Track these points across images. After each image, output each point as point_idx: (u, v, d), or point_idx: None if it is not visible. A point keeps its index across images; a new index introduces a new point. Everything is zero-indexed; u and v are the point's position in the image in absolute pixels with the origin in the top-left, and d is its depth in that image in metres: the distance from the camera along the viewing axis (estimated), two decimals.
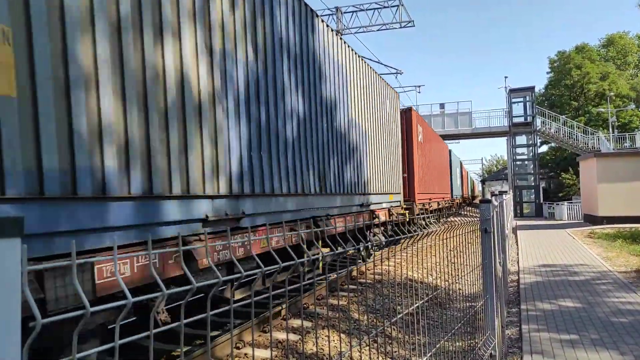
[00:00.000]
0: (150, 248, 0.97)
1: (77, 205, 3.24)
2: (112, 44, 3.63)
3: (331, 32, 8.21)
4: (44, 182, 3.02)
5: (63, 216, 3.14)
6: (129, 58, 3.77)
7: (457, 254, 3.52)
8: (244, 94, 5.47)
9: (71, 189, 3.24)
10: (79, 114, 3.30)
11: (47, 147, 3.06)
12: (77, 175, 3.26)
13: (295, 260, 1.49)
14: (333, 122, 8.17)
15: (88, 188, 3.36)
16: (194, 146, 4.51)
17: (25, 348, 0.72)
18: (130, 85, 3.78)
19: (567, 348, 5.06)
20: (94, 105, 3.45)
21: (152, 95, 4.01)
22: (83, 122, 3.33)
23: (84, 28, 3.38)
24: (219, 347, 4.84)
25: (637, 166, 20.13)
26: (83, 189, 3.31)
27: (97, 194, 3.43)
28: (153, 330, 1.01)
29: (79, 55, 3.33)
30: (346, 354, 4.78)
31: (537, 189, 31.78)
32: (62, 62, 3.21)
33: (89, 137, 3.38)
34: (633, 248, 12.74)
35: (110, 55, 3.60)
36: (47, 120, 3.09)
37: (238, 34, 5.42)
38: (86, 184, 3.34)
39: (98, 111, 3.47)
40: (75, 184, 3.26)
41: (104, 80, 3.53)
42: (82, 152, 3.31)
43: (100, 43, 3.50)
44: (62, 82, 3.22)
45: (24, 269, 0.70)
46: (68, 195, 3.20)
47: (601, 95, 38.22)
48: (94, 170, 3.42)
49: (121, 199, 3.63)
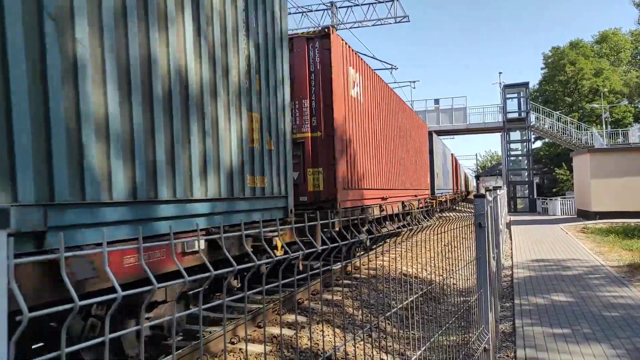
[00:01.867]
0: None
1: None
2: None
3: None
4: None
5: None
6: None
7: (452, 249, 3.53)
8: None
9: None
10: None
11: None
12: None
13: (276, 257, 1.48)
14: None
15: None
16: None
17: (12, 342, 0.70)
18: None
19: (560, 342, 5.09)
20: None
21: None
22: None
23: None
24: (213, 342, 4.82)
25: (630, 162, 20.27)
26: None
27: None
28: (144, 325, 1.00)
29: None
30: (341, 348, 4.79)
31: (530, 185, 31.95)
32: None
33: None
34: (625, 243, 12.84)
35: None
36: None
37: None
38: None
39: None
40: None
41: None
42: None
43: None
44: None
45: (10, 262, 0.69)
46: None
47: (595, 91, 38.39)
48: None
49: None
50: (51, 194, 3.05)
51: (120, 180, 3.65)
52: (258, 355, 4.82)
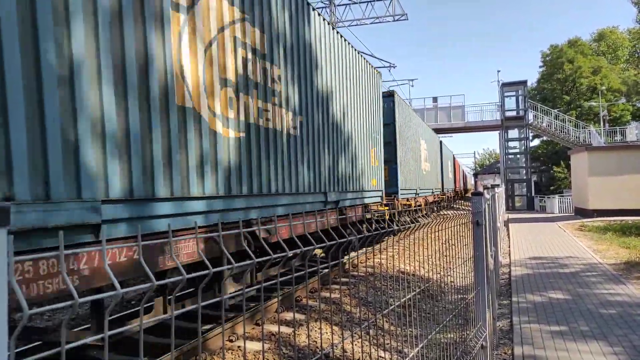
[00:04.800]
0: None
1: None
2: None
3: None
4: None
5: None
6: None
7: (450, 247, 3.54)
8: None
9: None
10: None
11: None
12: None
13: (272, 254, 1.49)
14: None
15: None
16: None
17: (13, 338, 0.71)
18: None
19: (557, 339, 5.11)
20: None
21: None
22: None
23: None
24: (211, 340, 4.84)
25: (628, 160, 20.32)
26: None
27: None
28: (143, 322, 1.01)
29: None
30: (339, 345, 4.80)
31: (528, 183, 32.00)
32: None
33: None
34: (622, 240, 12.89)
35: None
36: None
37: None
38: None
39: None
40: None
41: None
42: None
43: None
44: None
45: (10, 260, 0.69)
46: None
47: (593, 90, 38.45)
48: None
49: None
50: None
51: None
52: (256, 352, 4.83)
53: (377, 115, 11.63)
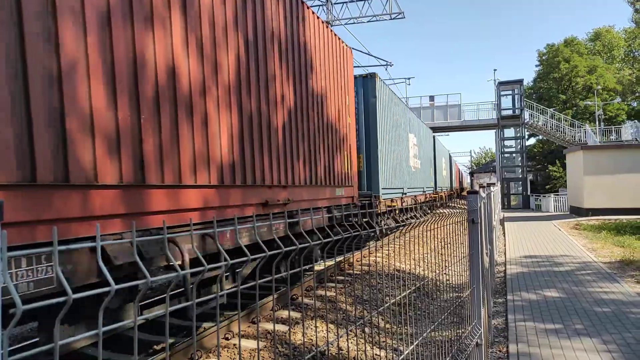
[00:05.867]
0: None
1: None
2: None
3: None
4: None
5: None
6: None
7: (445, 245, 3.55)
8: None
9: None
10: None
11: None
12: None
13: (266, 252, 1.49)
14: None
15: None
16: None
17: (6, 333, 0.71)
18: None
19: (552, 337, 5.14)
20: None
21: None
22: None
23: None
24: (206, 338, 4.83)
25: (623, 159, 20.41)
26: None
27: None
28: (138, 318, 1.01)
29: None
30: (334, 343, 4.81)
31: (524, 181, 32.11)
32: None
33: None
34: (617, 239, 12.96)
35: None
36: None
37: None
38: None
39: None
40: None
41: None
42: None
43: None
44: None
45: (3, 256, 0.69)
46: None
47: (588, 89, 38.62)
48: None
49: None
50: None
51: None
52: (252, 350, 4.83)
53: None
